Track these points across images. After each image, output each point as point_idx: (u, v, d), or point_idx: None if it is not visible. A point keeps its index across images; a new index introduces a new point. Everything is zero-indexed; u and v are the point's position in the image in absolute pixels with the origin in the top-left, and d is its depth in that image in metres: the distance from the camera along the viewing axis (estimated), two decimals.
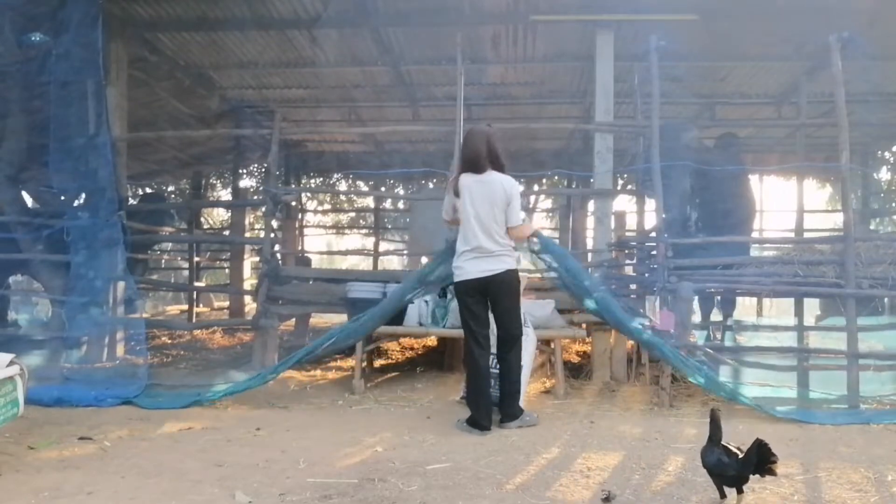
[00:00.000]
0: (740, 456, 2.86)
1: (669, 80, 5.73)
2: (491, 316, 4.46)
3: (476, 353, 4.35)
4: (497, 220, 4.26)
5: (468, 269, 4.30)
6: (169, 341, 8.65)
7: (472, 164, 4.32)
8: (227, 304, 11.82)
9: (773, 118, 9.25)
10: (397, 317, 5.78)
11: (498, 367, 4.53)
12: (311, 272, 8.41)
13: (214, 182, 14.86)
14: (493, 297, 4.35)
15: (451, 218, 4.49)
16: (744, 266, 5.47)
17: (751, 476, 2.86)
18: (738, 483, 2.89)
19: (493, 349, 4.53)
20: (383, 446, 3.85)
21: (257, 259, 8.93)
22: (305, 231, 14.22)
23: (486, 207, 4.25)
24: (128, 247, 6.54)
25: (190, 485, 3.15)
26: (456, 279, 4.40)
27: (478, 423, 4.26)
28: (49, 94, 6.21)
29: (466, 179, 4.32)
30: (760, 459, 2.80)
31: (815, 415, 4.69)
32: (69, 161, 6.33)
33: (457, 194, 4.36)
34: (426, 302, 5.96)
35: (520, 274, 5.96)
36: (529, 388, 5.22)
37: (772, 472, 2.81)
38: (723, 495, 2.95)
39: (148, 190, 13.90)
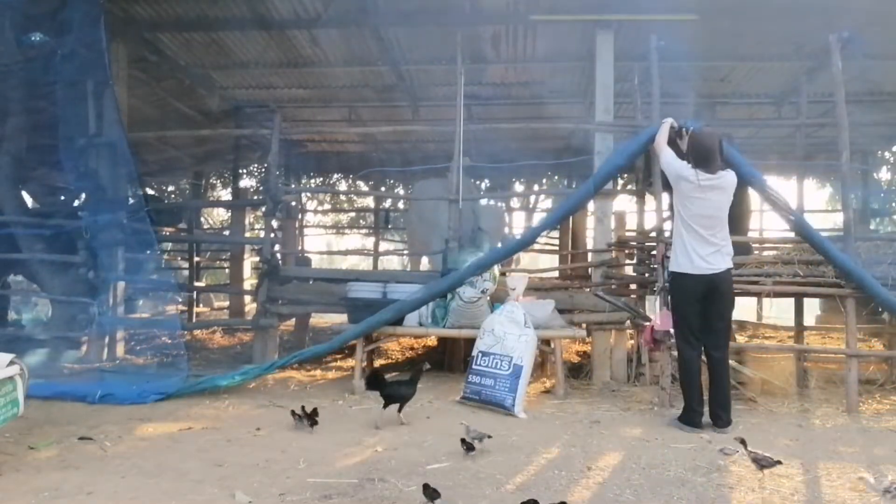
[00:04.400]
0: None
1: (676, 81, 5.73)
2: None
3: (688, 356, 4.50)
4: (722, 217, 4.41)
5: (697, 265, 4.39)
6: (169, 341, 8.64)
7: (705, 163, 4.39)
8: (227, 304, 11.82)
9: (773, 118, 9.25)
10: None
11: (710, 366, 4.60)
12: (311, 272, 8.41)
13: (214, 182, 14.86)
14: (715, 294, 4.45)
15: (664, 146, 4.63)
16: (744, 266, 5.46)
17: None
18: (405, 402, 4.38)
19: None
20: (383, 446, 3.85)
21: (257, 259, 8.93)
22: (305, 231, 14.22)
23: (714, 209, 4.38)
24: (155, 243, 6.69)
25: (190, 485, 3.16)
26: (680, 272, 4.47)
27: (693, 421, 4.39)
28: (52, 94, 6.25)
29: (703, 180, 4.35)
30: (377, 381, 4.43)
31: None
32: (85, 160, 6.41)
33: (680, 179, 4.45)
34: None
35: (519, 274, 6.00)
36: (529, 388, 5.22)
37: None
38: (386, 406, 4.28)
39: (148, 190, 13.90)
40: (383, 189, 14.50)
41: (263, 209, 7.44)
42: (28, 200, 7.61)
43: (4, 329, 7.01)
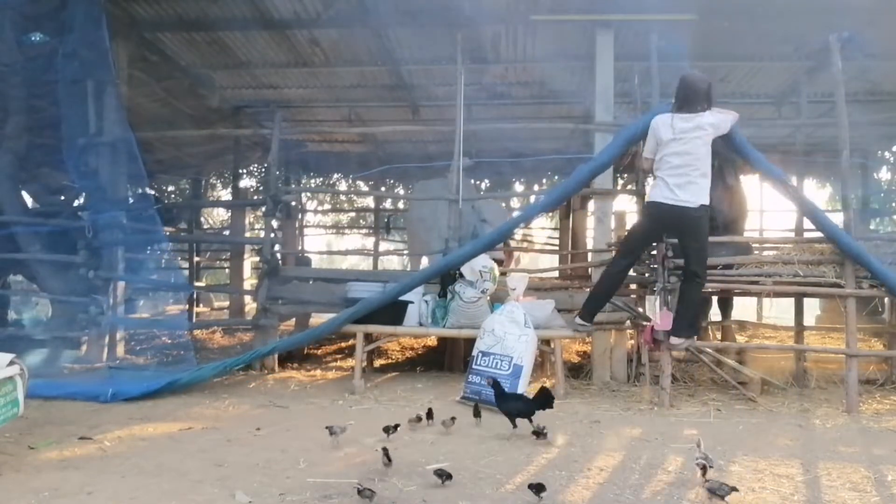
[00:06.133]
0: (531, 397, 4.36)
1: (676, 81, 5.73)
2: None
3: (615, 265, 5.06)
4: (700, 156, 4.68)
5: (666, 194, 4.70)
6: (169, 341, 8.65)
7: (688, 102, 4.73)
8: (227, 304, 11.81)
9: (773, 118, 9.24)
10: (397, 317, 5.80)
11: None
12: (311, 272, 8.41)
13: (214, 182, 14.85)
14: (686, 229, 4.77)
15: (653, 157, 4.88)
16: (744, 266, 5.46)
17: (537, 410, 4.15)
18: (530, 415, 4.14)
19: None
20: (383, 446, 3.84)
21: (257, 259, 8.94)
22: (305, 231, 14.21)
23: (691, 148, 4.66)
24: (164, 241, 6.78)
25: (190, 485, 3.16)
26: (650, 201, 4.89)
27: (581, 314, 5.00)
28: (52, 93, 6.28)
29: (677, 122, 4.71)
30: (545, 400, 4.18)
31: None
32: (89, 159, 6.45)
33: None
34: (426, 302, 5.96)
35: (520, 274, 6.00)
36: (529, 388, 5.22)
37: (550, 406, 4.20)
38: (515, 425, 4.13)
39: (149, 190, 13.90)
40: (383, 189, 14.49)
41: (263, 209, 7.44)
42: (28, 200, 7.61)
43: (5, 329, 7.02)
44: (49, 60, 6.29)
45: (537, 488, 2.91)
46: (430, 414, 4.35)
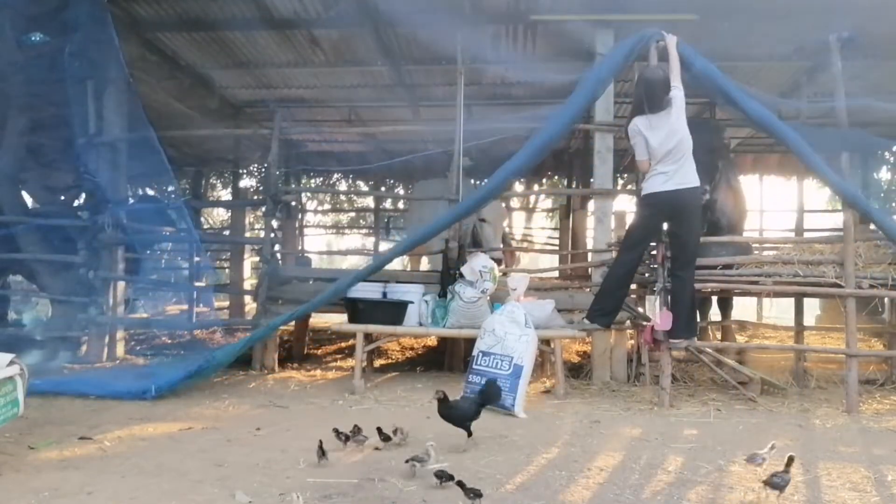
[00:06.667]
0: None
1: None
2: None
3: (622, 259, 5.12)
4: (683, 133, 4.80)
5: (665, 184, 4.81)
6: (169, 341, 8.65)
7: (657, 102, 4.84)
8: (226, 303, 11.80)
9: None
10: (397, 317, 5.80)
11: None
12: (311, 272, 8.41)
13: (214, 182, 14.84)
14: (682, 212, 4.86)
15: (647, 157, 4.93)
16: (744, 266, 5.46)
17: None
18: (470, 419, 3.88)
19: None
20: (383, 446, 3.85)
21: (257, 259, 8.94)
22: (305, 231, 14.21)
23: (672, 131, 4.79)
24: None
25: (190, 485, 3.16)
26: (649, 192, 4.90)
27: (596, 319, 5.15)
28: (53, 93, 6.31)
29: (662, 120, 4.83)
30: (490, 398, 4.14)
31: None
32: (109, 157, 6.58)
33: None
34: (426, 302, 5.97)
35: (520, 274, 6.01)
36: (529, 388, 5.22)
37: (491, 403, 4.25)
38: (470, 434, 3.85)
39: (149, 191, 13.90)
40: (383, 189, 14.49)
41: (263, 209, 7.44)
42: (28, 200, 7.62)
43: (5, 329, 7.02)
44: (51, 60, 6.30)
45: (474, 493, 2.82)
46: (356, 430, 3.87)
